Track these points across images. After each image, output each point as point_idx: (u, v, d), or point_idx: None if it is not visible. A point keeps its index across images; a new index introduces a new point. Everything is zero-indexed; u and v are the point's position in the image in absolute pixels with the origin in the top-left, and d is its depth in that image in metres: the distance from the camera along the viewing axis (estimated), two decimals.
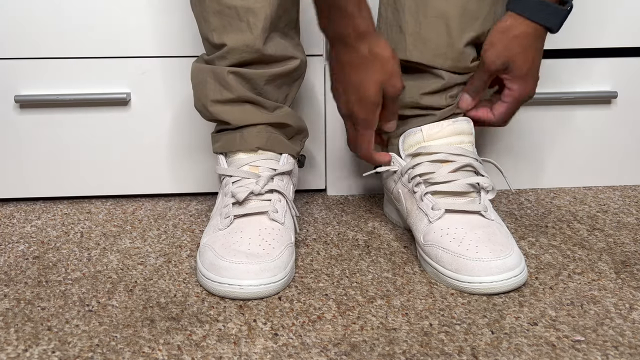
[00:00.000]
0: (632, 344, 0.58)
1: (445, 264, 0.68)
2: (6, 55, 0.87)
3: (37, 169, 0.92)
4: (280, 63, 0.75)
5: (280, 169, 0.75)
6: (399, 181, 0.77)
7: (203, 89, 0.75)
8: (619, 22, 0.90)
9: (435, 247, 0.69)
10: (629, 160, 0.96)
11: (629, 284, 0.68)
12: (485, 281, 0.65)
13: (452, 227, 0.70)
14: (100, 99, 0.88)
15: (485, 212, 0.72)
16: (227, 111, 0.75)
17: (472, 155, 0.74)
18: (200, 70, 0.76)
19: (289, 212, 0.75)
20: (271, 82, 0.75)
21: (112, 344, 0.59)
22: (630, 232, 0.81)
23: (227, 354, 0.57)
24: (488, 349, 0.57)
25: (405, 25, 0.73)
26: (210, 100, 0.75)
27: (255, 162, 0.75)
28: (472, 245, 0.67)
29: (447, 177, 0.73)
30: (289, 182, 0.77)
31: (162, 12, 0.87)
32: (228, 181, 0.75)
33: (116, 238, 0.82)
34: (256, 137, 0.75)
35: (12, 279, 0.71)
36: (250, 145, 0.75)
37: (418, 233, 0.73)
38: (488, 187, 0.73)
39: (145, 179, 0.94)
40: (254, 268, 0.65)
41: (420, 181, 0.74)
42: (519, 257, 0.67)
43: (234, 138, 0.76)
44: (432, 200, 0.72)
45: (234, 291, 0.65)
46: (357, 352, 0.57)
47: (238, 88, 0.74)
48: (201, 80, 0.75)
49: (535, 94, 0.93)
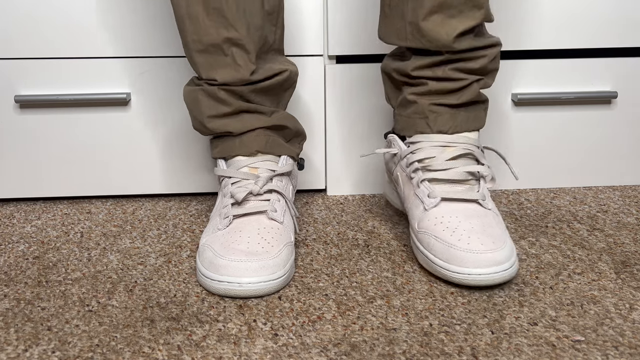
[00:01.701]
0: (632, 344, 0.58)
1: (437, 252, 0.68)
2: (6, 55, 0.87)
3: (37, 169, 0.92)
4: (269, 79, 0.76)
5: (279, 170, 0.76)
6: (398, 164, 0.78)
7: (198, 108, 0.76)
8: (619, 22, 0.90)
9: (428, 235, 0.70)
10: (629, 160, 0.96)
11: (629, 284, 0.68)
12: (474, 273, 0.65)
13: (447, 216, 0.70)
14: (100, 99, 0.89)
15: (482, 201, 0.71)
16: (226, 124, 0.76)
17: (474, 143, 0.74)
18: (191, 91, 0.77)
19: (288, 212, 0.75)
20: (262, 93, 0.76)
21: (112, 344, 0.59)
22: (630, 232, 0.81)
23: (227, 354, 0.57)
24: (488, 349, 0.57)
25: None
26: (207, 117, 0.76)
27: (254, 164, 0.75)
28: (465, 236, 0.67)
29: (445, 164, 0.72)
30: (288, 183, 0.77)
31: (162, 12, 0.87)
32: (227, 182, 0.75)
33: (116, 238, 0.82)
34: (255, 140, 0.76)
35: (12, 279, 0.71)
36: (249, 149, 0.76)
37: (413, 220, 0.73)
38: (487, 175, 0.73)
39: (145, 179, 0.94)
40: (253, 266, 0.65)
41: (418, 167, 0.74)
42: (510, 251, 0.67)
43: (233, 143, 0.76)
44: (428, 188, 0.72)
45: (233, 289, 0.65)
46: (357, 352, 0.57)
47: (232, 101, 0.75)
48: (194, 99, 0.76)
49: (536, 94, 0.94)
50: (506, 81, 0.92)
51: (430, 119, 0.74)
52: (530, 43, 0.90)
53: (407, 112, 0.76)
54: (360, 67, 0.91)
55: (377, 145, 0.94)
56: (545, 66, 0.92)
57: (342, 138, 0.94)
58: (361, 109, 0.92)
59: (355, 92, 0.92)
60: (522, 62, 0.91)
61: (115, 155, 0.93)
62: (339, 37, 0.89)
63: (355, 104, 0.92)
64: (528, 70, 0.91)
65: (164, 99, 0.91)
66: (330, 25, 0.88)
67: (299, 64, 0.90)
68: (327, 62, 0.91)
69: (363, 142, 0.94)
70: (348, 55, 0.91)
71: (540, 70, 0.92)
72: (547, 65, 0.91)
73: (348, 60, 0.91)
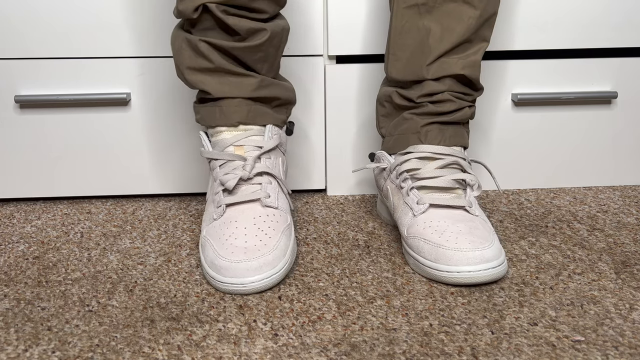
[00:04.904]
0: (632, 344, 0.58)
1: (425, 254, 0.69)
2: (6, 55, 0.87)
3: (37, 169, 0.92)
4: (250, 38, 0.72)
5: (266, 145, 0.74)
6: (388, 178, 0.79)
7: (180, 56, 0.74)
8: (619, 22, 0.90)
9: (417, 239, 0.70)
10: (629, 160, 0.96)
11: (629, 284, 0.68)
12: (463, 271, 0.66)
13: (435, 220, 0.71)
14: (100, 99, 0.88)
15: (469, 208, 0.73)
16: (205, 81, 0.73)
17: (460, 155, 0.76)
18: (177, 37, 0.74)
19: (282, 192, 0.74)
20: (246, 52, 0.72)
21: (112, 344, 0.59)
22: (630, 232, 0.81)
23: (227, 354, 0.57)
24: (488, 349, 0.57)
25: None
26: (187, 68, 0.73)
27: (239, 142, 0.73)
28: (452, 237, 0.68)
29: (434, 172, 0.74)
30: (277, 157, 0.75)
31: (163, 12, 0.87)
32: (215, 165, 0.74)
33: (116, 238, 0.82)
34: (236, 110, 0.73)
35: (12, 279, 0.71)
36: (230, 120, 0.73)
37: (402, 227, 0.74)
38: (474, 183, 0.75)
39: (145, 179, 0.94)
40: (254, 265, 0.66)
41: (407, 177, 0.76)
42: (498, 250, 0.68)
43: (214, 111, 0.74)
44: (417, 195, 0.74)
45: (237, 289, 0.66)
46: (357, 352, 0.57)
47: (213, 57, 0.72)
48: (178, 48, 0.73)
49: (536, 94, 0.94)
50: (506, 81, 0.92)
51: (422, 134, 0.76)
52: (530, 43, 0.90)
53: (399, 129, 0.78)
54: (360, 67, 0.91)
55: (377, 145, 0.94)
56: (545, 66, 0.92)
57: (342, 138, 0.94)
58: (361, 109, 0.92)
59: (355, 92, 0.92)
60: (522, 62, 0.91)
61: (115, 155, 0.92)
62: (339, 37, 0.89)
63: (355, 104, 0.92)
64: (528, 70, 0.91)
65: (164, 99, 0.91)
66: (330, 25, 0.88)
67: (299, 64, 0.90)
68: (327, 62, 0.91)
69: (363, 143, 0.94)
70: (348, 55, 0.91)
71: (540, 70, 0.92)
72: (547, 65, 0.91)
73: (348, 60, 0.91)
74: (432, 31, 0.74)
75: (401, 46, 0.76)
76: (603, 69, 0.92)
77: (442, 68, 0.75)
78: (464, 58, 0.75)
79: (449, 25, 0.74)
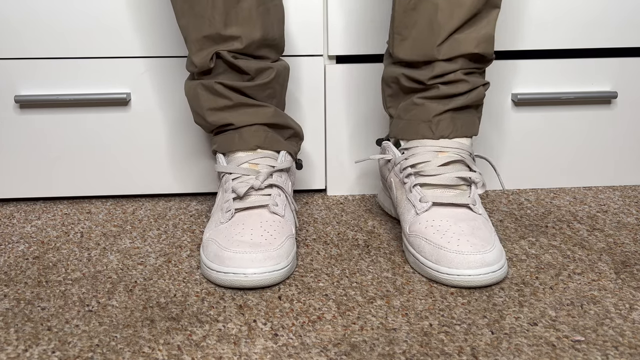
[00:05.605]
0: (632, 344, 0.58)
1: (427, 254, 0.69)
2: (6, 55, 0.87)
3: (37, 169, 0.92)
4: (258, 76, 0.76)
5: (279, 165, 0.77)
6: (392, 170, 0.79)
7: (198, 102, 0.77)
8: (620, 22, 0.90)
9: (419, 238, 0.70)
10: (629, 160, 0.96)
11: (629, 284, 0.68)
12: (464, 274, 0.66)
13: (437, 220, 0.71)
14: (100, 99, 0.88)
15: (473, 206, 0.72)
16: (226, 116, 0.77)
17: (467, 149, 0.75)
18: (190, 86, 0.78)
19: (289, 207, 0.76)
20: (256, 89, 0.77)
21: (112, 344, 0.59)
22: (630, 232, 0.81)
23: (227, 354, 0.57)
24: (488, 349, 0.57)
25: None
26: (207, 110, 0.77)
27: (254, 160, 0.76)
28: (454, 238, 0.68)
29: (438, 170, 0.74)
30: (287, 179, 0.78)
31: (163, 12, 0.87)
32: (228, 178, 0.76)
33: (116, 238, 0.82)
34: (254, 136, 0.76)
35: (12, 279, 0.71)
36: (249, 145, 0.77)
37: (405, 223, 0.74)
38: (478, 181, 0.74)
39: (145, 179, 0.94)
40: (258, 257, 0.66)
41: (411, 172, 0.75)
42: (499, 254, 0.68)
43: (233, 137, 0.77)
44: (420, 193, 0.74)
45: (239, 280, 0.66)
46: (357, 352, 0.57)
47: (230, 95, 0.76)
48: (194, 95, 0.77)
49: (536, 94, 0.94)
50: (506, 81, 0.92)
51: (433, 123, 0.75)
52: (530, 43, 0.90)
53: (410, 115, 0.76)
54: (360, 67, 0.91)
55: (376, 146, 0.94)
56: (545, 66, 0.92)
57: (342, 138, 0.94)
58: (361, 108, 0.92)
59: (355, 92, 0.92)
60: (522, 62, 0.91)
61: (115, 155, 0.93)
62: (339, 37, 0.89)
63: (355, 104, 0.92)
64: (528, 70, 0.91)
65: (164, 99, 0.91)
66: (330, 25, 0.88)
67: (299, 64, 0.90)
68: (327, 62, 0.91)
69: (363, 142, 0.94)
70: (348, 55, 0.91)
71: (540, 70, 0.92)
72: (547, 65, 0.91)
73: (348, 60, 0.91)
74: (440, 6, 0.71)
75: (407, 24, 0.74)
76: (603, 69, 0.92)
77: (455, 47, 0.72)
78: (477, 32, 0.72)
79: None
